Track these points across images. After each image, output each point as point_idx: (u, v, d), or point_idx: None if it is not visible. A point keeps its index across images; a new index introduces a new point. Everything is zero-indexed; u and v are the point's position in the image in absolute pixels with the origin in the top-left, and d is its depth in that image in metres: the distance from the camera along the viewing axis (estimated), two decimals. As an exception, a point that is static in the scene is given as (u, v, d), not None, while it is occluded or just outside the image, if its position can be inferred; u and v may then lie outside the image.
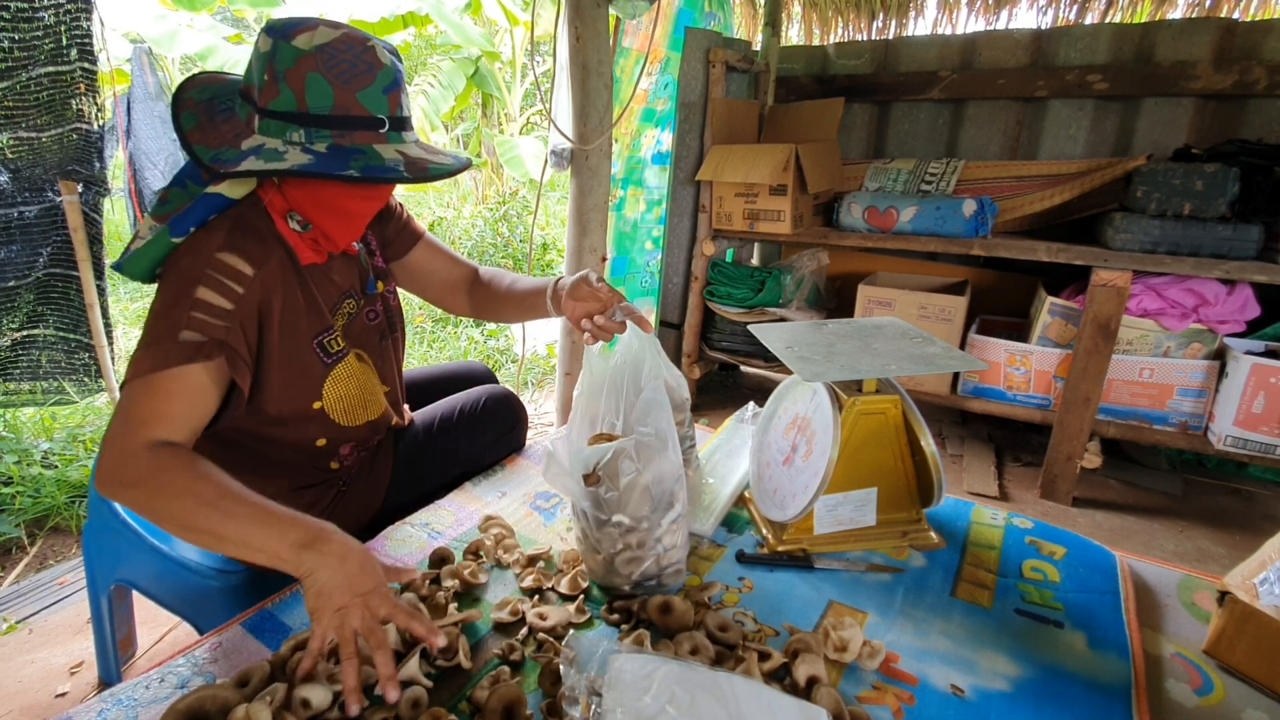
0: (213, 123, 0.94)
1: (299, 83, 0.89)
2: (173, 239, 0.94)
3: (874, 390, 1.14)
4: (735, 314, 2.89)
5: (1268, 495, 2.44)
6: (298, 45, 0.89)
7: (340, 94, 0.90)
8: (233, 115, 0.94)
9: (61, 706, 1.43)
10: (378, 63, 0.92)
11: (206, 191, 0.95)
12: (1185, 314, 2.13)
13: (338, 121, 0.91)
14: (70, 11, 2.19)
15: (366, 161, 0.91)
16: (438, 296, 1.35)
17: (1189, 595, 1.07)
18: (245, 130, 0.92)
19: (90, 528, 1.29)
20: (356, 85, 0.90)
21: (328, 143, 0.91)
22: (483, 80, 6.22)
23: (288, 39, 0.89)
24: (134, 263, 0.96)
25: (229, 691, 0.76)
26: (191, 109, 0.95)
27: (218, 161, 0.89)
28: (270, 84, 0.89)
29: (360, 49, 0.91)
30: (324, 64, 0.89)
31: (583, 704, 0.73)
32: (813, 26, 3.71)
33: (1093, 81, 2.59)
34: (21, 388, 2.54)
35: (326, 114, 0.90)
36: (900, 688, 0.86)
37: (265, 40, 0.90)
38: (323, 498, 1.15)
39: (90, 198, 2.41)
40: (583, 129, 2.01)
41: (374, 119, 0.92)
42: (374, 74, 0.92)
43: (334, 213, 1.01)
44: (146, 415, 0.86)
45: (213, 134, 0.92)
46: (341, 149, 0.91)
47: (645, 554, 0.99)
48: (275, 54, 0.89)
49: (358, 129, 0.92)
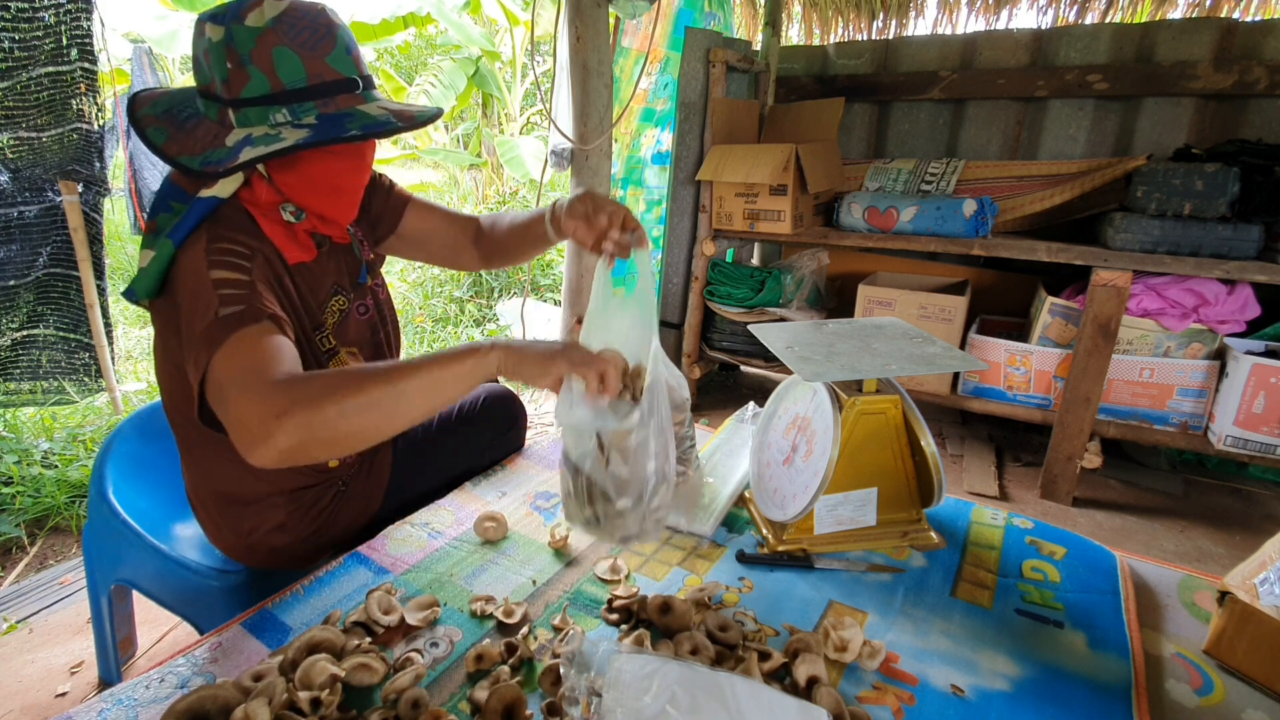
0: (183, 131, 0.91)
1: (266, 62, 0.86)
2: (175, 249, 0.92)
3: (874, 390, 1.14)
4: (735, 314, 2.89)
5: (1268, 495, 2.43)
6: (251, 24, 0.86)
7: (310, 63, 0.88)
8: (200, 118, 0.92)
9: (62, 706, 1.43)
10: (333, 24, 0.90)
11: (199, 196, 0.92)
12: (1185, 314, 2.13)
13: (316, 91, 0.89)
14: (70, 11, 2.19)
15: (361, 121, 0.90)
16: (444, 258, 1.30)
17: (1189, 595, 1.07)
18: (222, 128, 0.90)
19: (90, 528, 1.29)
20: (322, 50, 0.89)
21: (314, 114, 0.89)
22: (483, 80, 6.22)
23: (239, 20, 0.86)
24: (141, 281, 0.93)
25: (229, 691, 0.76)
26: (154, 124, 0.93)
27: (209, 164, 0.87)
28: (236, 71, 0.87)
29: (315, 13, 0.89)
30: (286, 35, 0.86)
31: (583, 704, 0.73)
32: (813, 26, 3.70)
33: (1093, 81, 2.59)
34: (21, 388, 2.54)
35: (304, 86, 0.88)
36: (900, 688, 0.86)
37: (214, 29, 0.87)
38: (321, 498, 1.15)
39: (90, 198, 2.41)
40: (583, 129, 2.01)
41: (349, 80, 0.91)
42: (334, 35, 0.90)
43: (329, 191, 0.99)
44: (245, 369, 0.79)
45: (189, 141, 0.90)
46: (330, 116, 0.89)
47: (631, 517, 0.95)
48: (232, 39, 0.86)
49: (337, 93, 0.90)
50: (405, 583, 1.05)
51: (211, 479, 1.08)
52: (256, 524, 1.10)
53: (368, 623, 0.93)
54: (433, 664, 0.88)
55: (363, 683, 0.83)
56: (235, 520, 1.10)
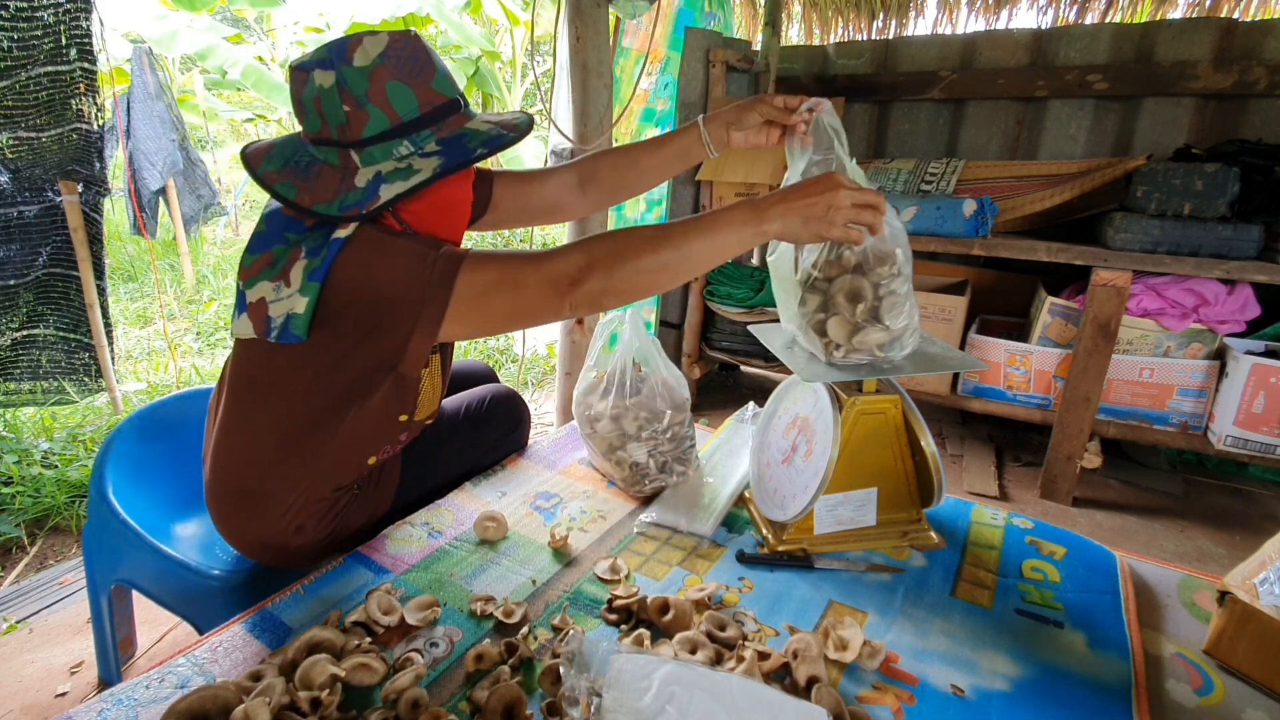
0: (307, 180, 0.93)
1: (381, 98, 0.89)
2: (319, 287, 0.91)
3: (874, 390, 1.14)
4: (735, 314, 2.89)
5: (1268, 495, 2.44)
6: (359, 64, 0.88)
7: (420, 91, 0.91)
8: (321, 165, 0.94)
9: (61, 706, 1.43)
10: (428, 49, 0.94)
11: (334, 238, 0.91)
12: (1185, 314, 2.13)
13: (430, 118, 0.92)
14: (70, 11, 2.19)
15: (478, 139, 0.93)
16: (544, 217, 1.33)
17: (1189, 595, 1.07)
18: (347, 170, 0.92)
19: (90, 528, 1.29)
20: (426, 76, 0.92)
21: (432, 140, 0.92)
22: (483, 80, 6.22)
23: (347, 62, 0.88)
24: (299, 324, 0.92)
25: (229, 691, 0.76)
26: (279, 180, 0.94)
27: (348, 207, 0.89)
28: (355, 112, 0.89)
29: (411, 41, 0.92)
30: (394, 69, 0.89)
31: (583, 704, 0.73)
32: (813, 26, 3.71)
33: (1093, 81, 2.59)
34: (21, 388, 2.54)
35: (418, 115, 0.91)
36: (900, 688, 0.86)
37: (323, 75, 0.89)
38: (339, 500, 1.14)
39: (90, 198, 2.41)
40: (583, 129, 2.01)
41: (454, 101, 0.94)
42: (432, 60, 0.93)
43: (447, 209, 1.03)
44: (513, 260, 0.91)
45: (319, 189, 0.92)
46: (449, 140, 0.92)
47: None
48: (344, 82, 0.88)
49: (447, 116, 0.94)
50: (405, 583, 1.05)
51: (248, 474, 1.08)
52: (275, 524, 1.09)
53: (368, 623, 0.93)
54: (433, 664, 0.88)
55: (363, 683, 0.83)
56: (254, 519, 1.09)
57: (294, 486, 1.07)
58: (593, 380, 1.37)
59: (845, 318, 1.04)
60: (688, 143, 1.18)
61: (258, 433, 1.05)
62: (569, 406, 2.21)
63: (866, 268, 1.03)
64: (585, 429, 1.36)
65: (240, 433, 1.07)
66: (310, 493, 1.08)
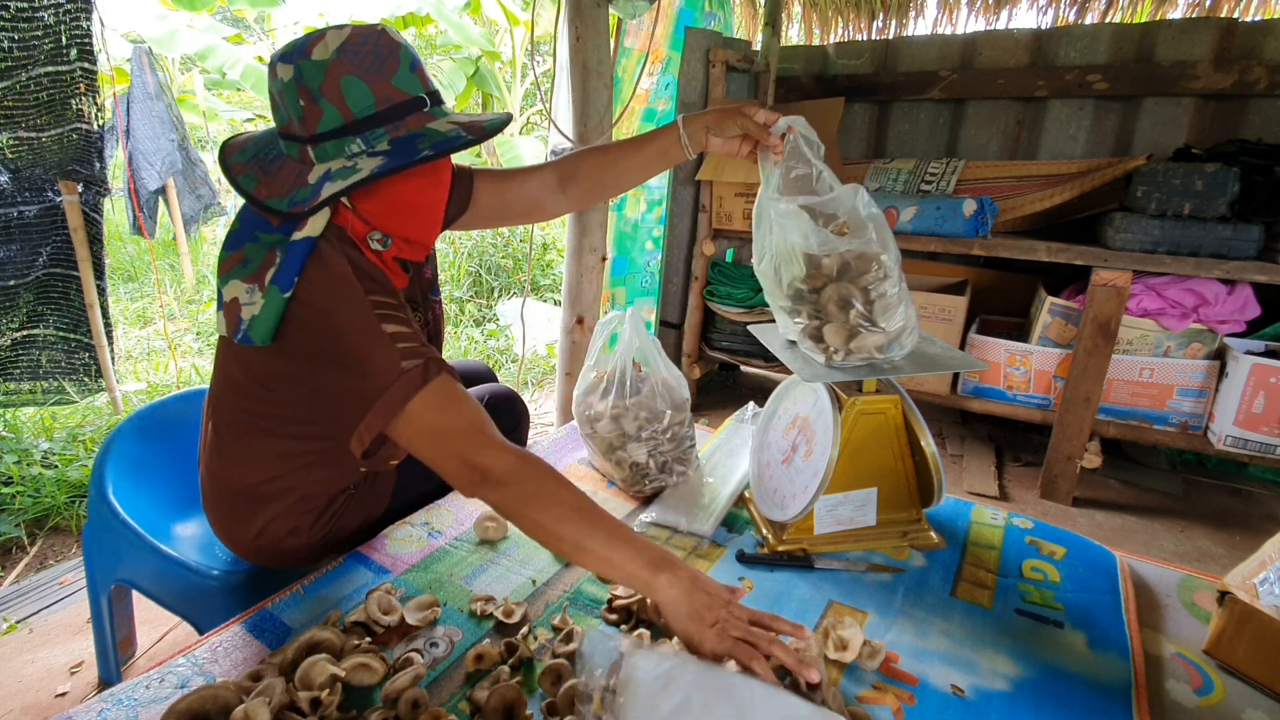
0: (269, 175, 0.92)
1: (336, 93, 0.87)
2: (284, 295, 0.89)
3: (874, 390, 1.14)
4: (735, 314, 2.89)
5: (1268, 495, 2.44)
6: (317, 58, 0.87)
7: (377, 87, 0.88)
8: (284, 159, 0.93)
9: (61, 706, 1.43)
10: (394, 44, 0.91)
11: (293, 240, 0.91)
12: (1185, 314, 2.13)
13: (385, 116, 0.89)
14: (70, 11, 2.19)
15: (431, 140, 0.90)
16: (524, 217, 1.31)
17: (1189, 595, 1.07)
18: (304, 166, 0.91)
19: (90, 528, 1.29)
20: (387, 72, 0.89)
21: (385, 140, 0.90)
22: (483, 80, 6.22)
23: (306, 56, 0.87)
24: (257, 329, 0.90)
25: (229, 691, 0.76)
26: (244, 171, 0.94)
27: (296, 204, 0.88)
28: (310, 107, 0.88)
29: (375, 35, 0.90)
30: (351, 64, 0.87)
31: (595, 700, 0.73)
32: (813, 26, 3.70)
33: (1093, 81, 2.59)
34: (21, 388, 2.54)
35: (372, 112, 0.89)
36: (900, 688, 0.86)
37: (284, 69, 0.88)
38: (334, 503, 1.14)
39: (90, 198, 2.41)
40: (583, 129, 2.01)
41: (415, 99, 0.91)
42: (397, 56, 0.90)
43: (413, 212, 1.00)
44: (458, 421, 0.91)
45: (276, 184, 0.91)
46: (401, 140, 0.90)
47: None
48: (301, 76, 0.87)
49: (406, 115, 0.91)
50: (405, 582, 1.05)
51: (241, 476, 1.08)
52: (271, 526, 1.09)
53: (368, 623, 0.93)
54: (432, 664, 0.88)
55: (362, 683, 0.83)
56: (250, 520, 1.09)
57: (285, 489, 1.06)
58: (593, 380, 1.37)
59: (839, 325, 1.04)
60: (668, 143, 1.16)
61: (243, 433, 1.04)
62: (569, 406, 2.21)
63: (849, 274, 1.03)
64: (585, 429, 1.36)
65: (227, 433, 1.06)
66: (303, 495, 1.08)
